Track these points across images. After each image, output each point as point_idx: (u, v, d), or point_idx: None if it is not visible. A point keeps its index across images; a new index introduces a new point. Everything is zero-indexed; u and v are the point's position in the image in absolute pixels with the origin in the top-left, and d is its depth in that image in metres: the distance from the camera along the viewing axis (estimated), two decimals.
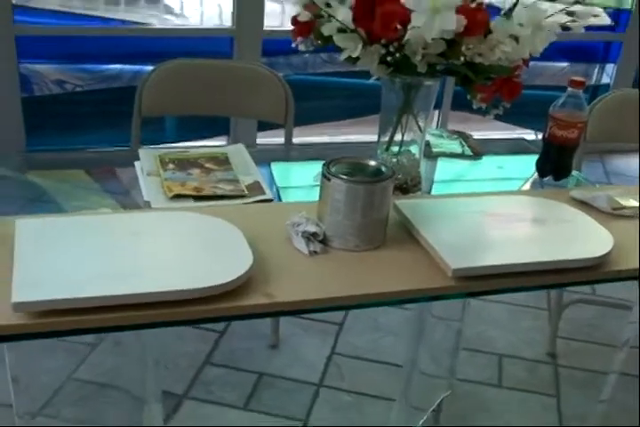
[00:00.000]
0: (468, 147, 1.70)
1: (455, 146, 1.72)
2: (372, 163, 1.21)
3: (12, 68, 2.88)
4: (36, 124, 3.04)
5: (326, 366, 2.10)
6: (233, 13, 3.09)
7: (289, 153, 2.14)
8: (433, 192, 1.53)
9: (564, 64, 3.99)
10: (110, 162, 1.87)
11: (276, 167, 1.64)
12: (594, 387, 2.03)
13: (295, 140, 2.13)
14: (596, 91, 3.80)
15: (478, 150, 1.70)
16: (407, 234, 1.23)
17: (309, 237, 1.16)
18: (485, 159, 1.74)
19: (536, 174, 1.57)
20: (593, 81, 4.00)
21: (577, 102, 1.48)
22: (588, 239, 1.23)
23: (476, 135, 1.82)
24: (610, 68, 3.92)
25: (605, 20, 3.74)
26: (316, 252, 1.15)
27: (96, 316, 0.95)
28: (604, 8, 3.74)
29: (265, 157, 1.68)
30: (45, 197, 1.51)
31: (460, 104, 3.51)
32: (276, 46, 3.22)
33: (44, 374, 1.96)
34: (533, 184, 1.58)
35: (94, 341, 2.09)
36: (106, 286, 0.97)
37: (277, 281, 1.07)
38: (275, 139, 2.58)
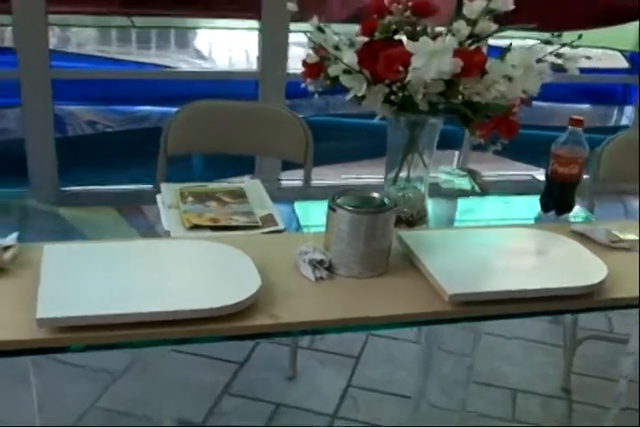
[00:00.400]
0: (476, 184, 1.77)
1: (464, 183, 1.79)
2: (376, 195, 1.28)
3: (47, 109, 3.02)
4: (69, 162, 3.16)
5: (342, 397, 2.14)
6: (258, 57, 3.22)
7: (309, 192, 2.22)
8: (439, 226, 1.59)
9: (586, 106, 4.06)
10: (138, 199, 1.96)
11: (299, 206, 1.71)
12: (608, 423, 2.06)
13: (317, 179, 2.20)
14: (615, 132, 3.85)
15: (486, 187, 1.77)
16: (410, 263, 1.30)
17: (316, 264, 1.24)
18: (494, 197, 1.81)
19: (540, 209, 1.64)
20: (612, 122, 4.06)
21: (577, 140, 1.55)
22: (583, 269, 1.28)
23: (493, 174, 1.89)
24: (629, 110, 3.98)
25: (622, 62, 3.82)
26: (322, 278, 1.22)
27: (114, 332, 1.03)
28: (622, 51, 3.81)
29: (288, 196, 1.76)
30: (74, 231, 1.60)
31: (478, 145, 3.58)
32: (299, 88, 3.33)
33: (67, 400, 2.03)
34: (537, 219, 1.64)
35: (116, 369, 2.16)
36: (124, 304, 1.05)
37: (283, 304, 1.14)
38: (297, 182, 2.66)
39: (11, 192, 1.92)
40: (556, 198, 1.61)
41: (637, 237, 1.45)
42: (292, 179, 3.09)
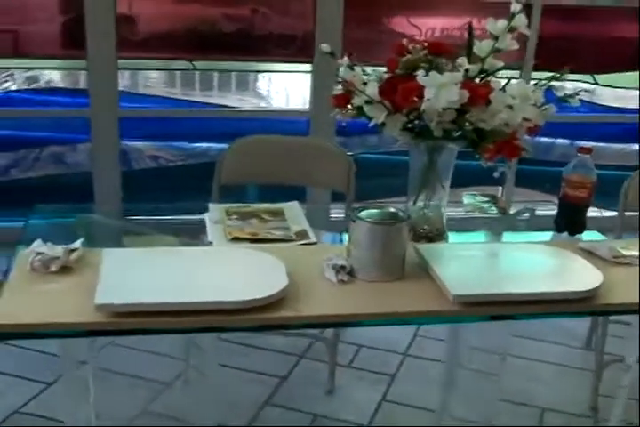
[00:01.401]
0: (496, 206, 1.93)
1: (485, 205, 1.94)
2: (392, 210, 1.45)
3: (114, 145, 3.28)
4: (133, 194, 3.41)
5: (376, 411, 2.28)
6: (310, 97, 3.44)
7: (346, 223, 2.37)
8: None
9: (633, 145, 4.16)
10: (195, 229, 2.15)
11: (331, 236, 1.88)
12: None
13: None
14: None
15: (504, 209, 1.92)
16: (424, 273, 1.45)
17: (338, 269, 1.41)
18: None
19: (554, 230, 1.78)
20: None
21: (585, 166, 1.70)
22: (580, 277, 1.42)
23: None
24: None
25: None
26: (343, 281, 1.39)
27: (160, 319, 1.22)
28: None
29: (335, 227, 1.91)
30: None
31: (524, 182, 3.73)
32: (352, 126, 3.53)
33: (121, 406, 2.21)
34: (551, 239, 1.78)
35: (168, 380, 2.35)
36: (172, 295, 1.24)
37: (307, 301, 1.31)
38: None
39: (81, 216, 2.11)
40: (568, 219, 1.75)
41: (638, 253, 1.58)
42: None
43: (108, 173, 3.32)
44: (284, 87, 4.02)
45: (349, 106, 1.55)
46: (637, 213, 2.30)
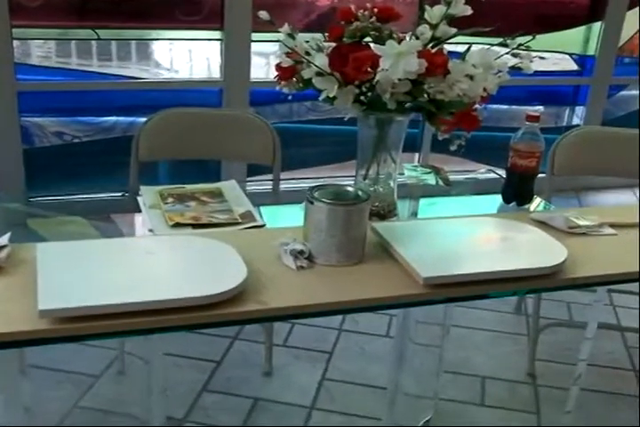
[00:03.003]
0: (440, 178, 1.87)
1: (429, 178, 1.88)
2: (350, 189, 1.37)
3: (14, 121, 3.05)
4: (37, 173, 3.20)
5: (317, 390, 2.22)
6: (221, 66, 3.30)
7: (277, 196, 2.28)
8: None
9: (539, 107, 4.21)
10: (105, 208, 2.01)
11: (265, 210, 1.77)
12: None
13: (281, 185, 2.27)
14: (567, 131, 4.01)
15: (449, 182, 1.87)
16: (384, 252, 1.38)
17: (297, 254, 1.31)
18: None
19: (502, 201, 1.74)
20: (565, 122, 4.22)
21: (533, 135, 1.66)
22: (545, 252, 1.38)
23: (454, 175, 1.99)
24: (579, 110, 4.14)
25: (572, 65, 3.98)
26: (302, 267, 1.30)
27: (110, 322, 1.09)
28: (571, 55, 3.97)
29: (253, 201, 1.82)
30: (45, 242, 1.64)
31: (440, 147, 3.70)
32: (262, 96, 3.42)
33: (52, 403, 2.07)
34: (499, 210, 1.74)
35: (98, 372, 2.21)
36: (120, 295, 1.12)
37: (269, 291, 1.21)
38: (262, 187, 2.72)
39: None
40: (517, 190, 1.71)
41: (592, 223, 1.56)
42: (258, 180, 3.17)
43: (9, 152, 3.09)
44: (188, 56, 3.85)
45: (294, 78, 1.45)
46: (565, 177, 2.32)
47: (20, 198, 3.15)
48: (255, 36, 3.25)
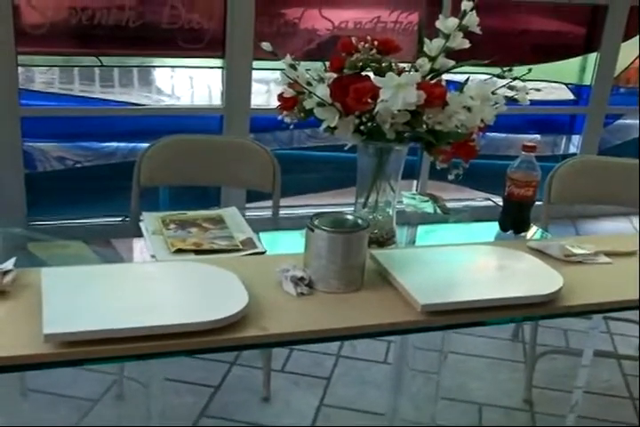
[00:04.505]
0: (438, 206, 1.90)
1: (427, 206, 1.91)
2: (350, 217, 1.39)
3: (16, 146, 3.09)
4: (38, 197, 3.22)
5: (315, 416, 2.22)
6: (222, 93, 3.34)
7: (276, 222, 2.31)
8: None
9: (536, 136, 4.26)
10: (106, 233, 2.02)
11: (264, 236, 1.79)
12: None
13: (283, 210, 2.30)
14: (563, 159, 4.05)
15: (447, 210, 1.90)
16: (383, 280, 1.40)
17: (297, 281, 1.34)
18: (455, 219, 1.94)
19: (499, 229, 1.77)
20: (561, 151, 4.26)
21: (530, 164, 1.69)
22: (541, 280, 1.40)
23: (452, 203, 2.02)
24: (576, 138, 4.19)
25: (568, 94, 4.04)
26: (303, 293, 1.32)
27: (113, 346, 1.11)
28: (567, 84, 4.02)
29: (253, 227, 1.84)
30: (45, 266, 1.65)
31: (438, 175, 3.74)
32: (262, 123, 3.46)
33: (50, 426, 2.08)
34: (497, 238, 1.77)
35: (96, 396, 2.22)
36: (123, 320, 1.14)
37: (270, 317, 1.23)
38: (262, 213, 2.74)
39: None
40: (514, 218, 1.74)
41: (588, 252, 1.58)
42: (258, 207, 3.19)
43: (11, 176, 3.12)
44: (189, 83, 3.90)
45: (296, 108, 1.48)
46: (561, 205, 2.34)
47: (21, 223, 3.19)
48: (256, 63, 3.30)
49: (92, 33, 3.15)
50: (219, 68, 3.35)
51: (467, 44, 1.44)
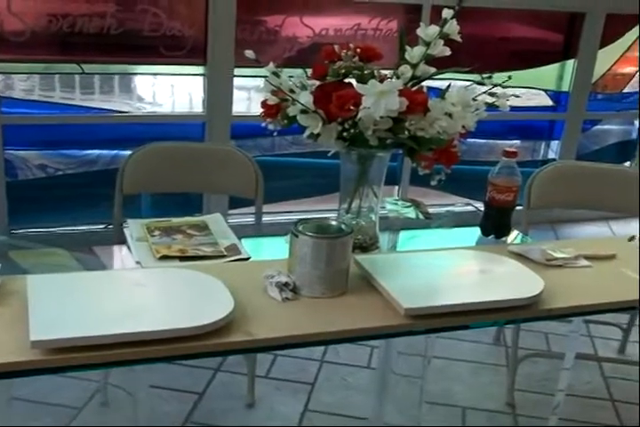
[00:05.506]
0: (421, 212, 1.92)
1: (409, 211, 1.93)
2: (334, 223, 1.41)
3: None
4: (19, 205, 3.21)
5: (300, 421, 2.23)
6: (204, 100, 3.35)
7: (259, 228, 2.32)
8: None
9: (516, 142, 4.30)
10: (87, 240, 2.03)
11: (247, 242, 1.79)
12: None
13: (264, 218, 2.31)
14: (543, 165, 4.09)
15: (429, 216, 1.92)
16: (367, 284, 1.42)
17: (282, 286, 1.35)
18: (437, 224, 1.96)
19: (480, 233, 1.79)
20: (540, 156, 4.30)
21: (511, 170, 1.71)
22: (522, 283, 1.42)
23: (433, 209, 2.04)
24: (555, 144, 4.23)
25: (547, 101, 4.08)
26: (288, 298, 1.34)
27: (98, 352, 1.12)
28: (546, 91, 4.07)
29: (236, 233, 1.85)
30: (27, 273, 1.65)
31: (419, 180, 3.76)
32: (243, 130, 3.48)
33: None
34: (478, 242, 1.79)
35: (80, 404, 2.21)
36: (109, 326, 1.14)
37: (256, 322, 1.24)
38: (244, 219, 2.74)
39: None
40: (495, 223, 1.76)
41: (568, 255, 1.60)
42: (241, 213, 3.20)
43: None
44: (171, 91, 3.91)
45: (280, 115, 1.49)
46: (541, 209, 2.37)
47: (2, 230, 3.17)
48: (237, 70, 3.31)
49: (73, 40, 3.15)
50: (200, 75, 3.36)
51: (447, 52, 1.46)
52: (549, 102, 4.12)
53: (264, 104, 1.50)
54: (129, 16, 3.17)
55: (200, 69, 3.35)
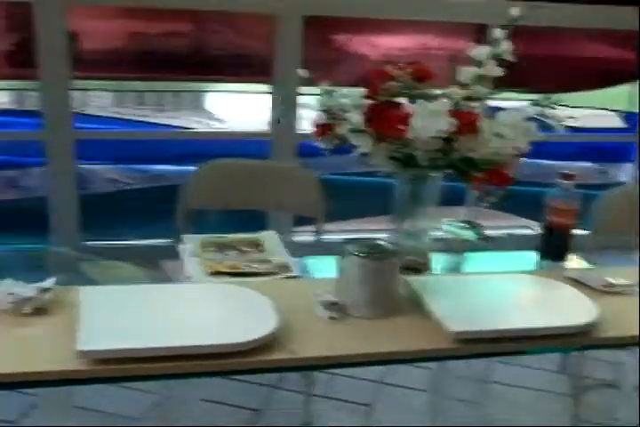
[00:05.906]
0: (477, 234, 1.89)
1: (468, 234, 1.90)
2: (383, 243, 1.40)
3: (70, 168, 3.17)
4: (90, 218, 3.30)
5: None
6: (270, 119, 3.39)
7: (321, 247, 2.32)
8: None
9: (587, 164, 4.20)
10: (154, 254, 2.06)
11: (307, 261, 1.80)
12: None
13: (326, 236, 2.30)
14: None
15: (486, 237, 1.89)
16: (416, 307, 1.40)
17: (329, 305, 1.35)
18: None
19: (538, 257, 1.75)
20: (612, 179, 4.19)
21: (569, 193, 1.67)
22: (577, 310, 1.38)
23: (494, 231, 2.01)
24: (629, 166, 4.12)
25: (617, 121, 3.98)
26: (334, 318, 1.33)
27: (149, 365, 1.14)
28: (615, 111, 3.97)
29: (297, 251, 1.86)
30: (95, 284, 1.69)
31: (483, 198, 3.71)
32: (311, 148, 3.49)
33: None
34: (536, 266, 1.75)
35: (139, 415, 2.25)
36: (159, 339, 1.17)
37: (300, 340, 1.25)
38: (309, 237, 2.75)
39: (35, 247, 2.02)
40: (553, 246, 1.73)
41: (628, 282, 1.56)
42: (304, 231, 3.21)
43: (65, 198, 3.20)
44: (238, 108, 3.97)
45: (331, 134, 1.50)
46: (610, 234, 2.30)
47: (72, 242, 3.26)
48: (305, 89, 3.34)
49: (146, 58, 3.24)
50: (267, 93, 3.40)
51: (499, 72, 1.44)
52: (620, 124, 4.02)
53: (316, 123, 1.51)
54: (200, 35, 3.24)
55: (266, 88, 3.39)
